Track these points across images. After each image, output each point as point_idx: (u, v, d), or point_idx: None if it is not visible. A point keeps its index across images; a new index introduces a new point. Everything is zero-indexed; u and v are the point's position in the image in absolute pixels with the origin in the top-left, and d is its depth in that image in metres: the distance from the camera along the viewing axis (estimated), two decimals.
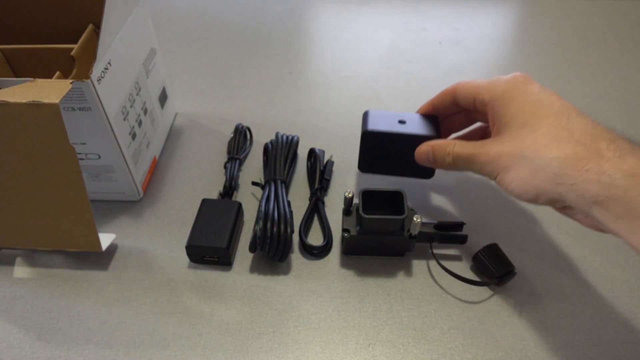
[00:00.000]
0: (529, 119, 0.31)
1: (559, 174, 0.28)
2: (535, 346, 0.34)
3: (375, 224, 0.36)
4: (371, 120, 0.40)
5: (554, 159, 0.28)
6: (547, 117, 0.30)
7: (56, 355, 0.33)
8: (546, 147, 0.29)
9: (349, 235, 0.37)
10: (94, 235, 0.36)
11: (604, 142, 0.28)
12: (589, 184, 0.27)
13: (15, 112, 0.30)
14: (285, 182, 0.42)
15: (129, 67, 0.40)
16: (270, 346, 0.34)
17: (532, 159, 0.30)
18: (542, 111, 0.31)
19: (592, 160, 0.27)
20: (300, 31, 0.68)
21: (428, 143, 0.37)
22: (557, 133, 0.29)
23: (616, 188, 0.26)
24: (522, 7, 0.73)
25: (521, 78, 0.34)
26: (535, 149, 0.29)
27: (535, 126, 0.30)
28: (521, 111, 0.31)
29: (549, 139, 0.29)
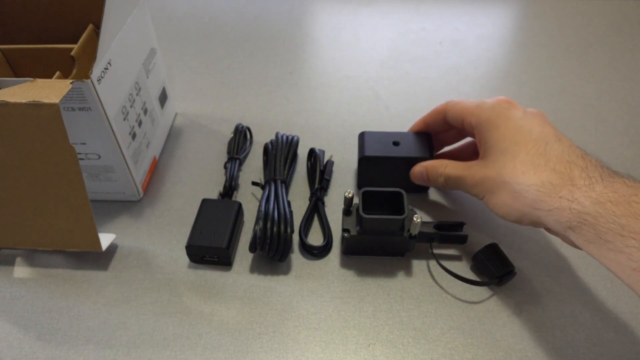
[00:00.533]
0: (510, 145, 0.33)
1: (536, 199, 0.30)
2: (535, 346, 0.34)
3: (375, 224, 0.36)
4: (367, 144, 0.42)
5: (531, 185, 0.31)
6: (526, 144, 0.32)
7: (56, 355, 0.33)
8: (524, 174, 0.31)
9: (349, 235, 0.37)
10: (94, 235, 0.36)
11: (577, 169, 0.30)
12: (562, 210, 0.29)
13: (15, 112, 0.30)
14: (285, 182, 0.42)
15: (129, 67, 0.40)
16: (270, 346, 0.34)
17: (512, 185, 0.32)
18: (522, 138, 0.33)
19: (566, 187, 0.29)
20: (300, 31, 0.68)
21: (422, 164, 0.40)
22: (535, 160, 0.31)
23: (586, 215, 0.28)
24: (522, 7, 0.73)
25: (504, 104, 0.35)
26: (515, 175, 0.32)
27: (515, 153, 0.32)
28: (503, 138, 0.33)
29: (527, 166, 0.31)
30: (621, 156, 0.48)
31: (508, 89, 0.57)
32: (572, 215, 0.28)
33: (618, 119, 0.52)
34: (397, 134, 0.43)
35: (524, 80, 0.58)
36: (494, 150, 0.34)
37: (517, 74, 0.59)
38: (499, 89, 0.57)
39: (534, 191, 0.30)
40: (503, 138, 0.33)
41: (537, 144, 0.32)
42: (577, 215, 0.28)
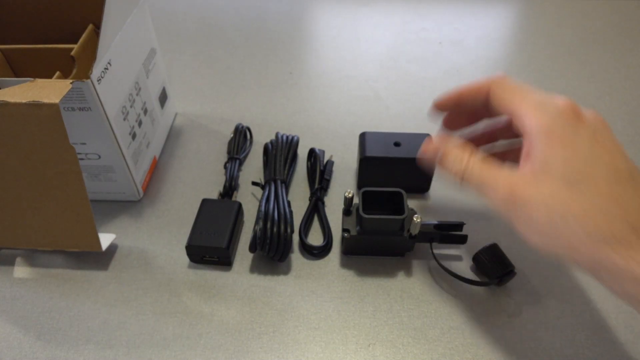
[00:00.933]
0: (578, 178, 0.27)
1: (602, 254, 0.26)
2: (535, 346, 0.34)
3: (375, 224, 0.36)
4: (368, 145, 0.42)
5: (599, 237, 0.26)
6: (597, 182, 0.27)
7: (56, 355, 0.33)
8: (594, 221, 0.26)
9: (348, 235, 0.37)
10: (94, 235, 0.36)
11: None
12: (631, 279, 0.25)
13: (15, 112, 0.30)
14: (285, 182, 0.42)
15: (129, 67, 0.40)
16: (270, 346, 0.34)
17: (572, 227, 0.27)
18: (593, 172, 0.27)
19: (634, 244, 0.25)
20: (300, 31, 0.68)
21: (440, 140, 0.32)
22: (608, 206, 0.26)
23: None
24: (522, 7, 0.73)
25: (572, 115, 0.28)
26: (582, 219, 0.26)
27: (584, 190, 0.27)
28: (569, 163, 0.27)
29: (598, 211, 0.26)
30: None
31: None
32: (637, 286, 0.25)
33: (618, 119, 0.52)
34: (397, 134, 0.43)
35: (523, 80, 0.58)
36: (555, 175, 0.27)
37: (517, 74, 0.59)
38: None
39: (603, 246, 0.26)
40: (570, 163, 0.27)
41: (609, 184, 0.27)
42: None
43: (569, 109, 0.29)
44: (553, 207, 0.27)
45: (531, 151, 0.29)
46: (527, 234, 0.28)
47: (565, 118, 0.28)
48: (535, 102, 0.29)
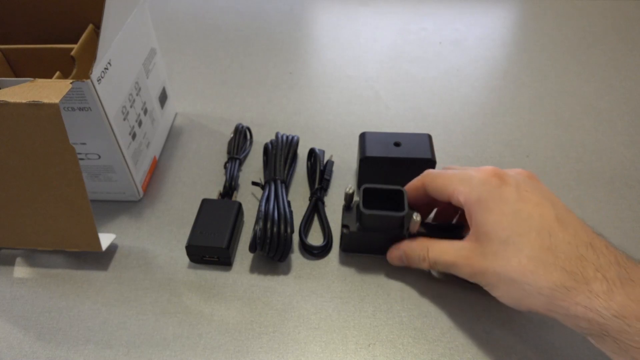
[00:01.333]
0: (510, 235, 0.29)
1: (550, 302, 0.28)
2: (535, 346, 0.34)
3: (375, 220, 0.36)
4: (368, 145, 0.42)
5: (543, 288, 0.28)
6: (529, 235, 0.29)
7: (56, 355, 0.33)
8: (533, 274, 0.28)
9: (348, 231, 0.37)
10: (94, 235, 0.36)
11: (590, 268, 0.27)
12: (580, 319, 0.27)
13: (15, 112, 0.30)
14: (285, 182, 0.42)
15: (129, 67, 0.40)
16: (270, 346, 0.34)
17: (520, 284, 0.29)
18: (523, 227, 0.29)
19: (581, 293, 0.27)
20: (300, 31, 0.68)
21: (399, 246, 0.36)
22: (542, 256, 0.28)
23: (608, 328, 0.26)
24: (522, 7, 0.73)
25: (494, 180, 0.31)
26: (523, 274, 0.29)
27: (519, 245, 0.29)
28: (500, 225, 0.30)
29: (534, 263, 0.28)
30: (621, 156, 0.48)
31: (508, 89, 0.57)
32: (592, 326, 0.26)
33: (618, 119, 0.52)
34: (398, 134, 0.43)
35: (524, 80, 0.58)
36: (491, 237, 0.30)
37: (517, 74, 0.59)
38: (499, 89, 0.57)
39: (547, 294, 0.28)
40: (500, 225, 0.30)
41: (540, 235, 0.29)
42: (597, 327, 0.26)
43: (491, 176, 0.32)
44: (499, 269, 0.30)
45: (472, 221, 0.32)
46: (502, 300, 0.31)
47: (488, 185, 0.31)
48: (461, 180, 0.33)
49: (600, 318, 0.26)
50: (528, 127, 0.51)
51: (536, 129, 0.51)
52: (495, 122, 0.52)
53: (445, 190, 0.34)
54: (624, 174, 0.46)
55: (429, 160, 0.40)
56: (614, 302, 0.26)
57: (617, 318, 0.26)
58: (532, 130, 0.51)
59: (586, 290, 0.27)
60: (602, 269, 0.27)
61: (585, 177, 0.46)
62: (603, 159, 0.48)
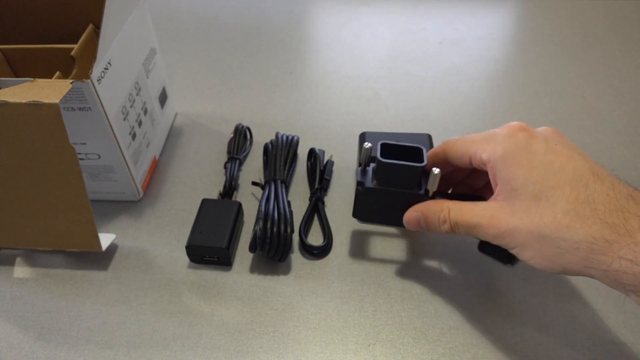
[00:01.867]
0: (542, 189, 0.27)
1: (587, 258, 0.26)
2: (535, 346, 0.34)
3: (393, 172, 0.34)
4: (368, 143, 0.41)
5: (581, 242, 0.26)
6: (563, 188, 0.27)
7: (56, 355, 0.33)
8: (569, 228, 0.26)
9: (362, 188, 0.35)
10: (94, 235, 0.36)
11: (634, 220, 0.25)
12: (623, 274, 0.25)
13: (15, 112, 0.30)
14: (285, 182, 0.42)
15: (129, 67, 0.40)
16: (270, 346, 0.34)
17: (554, 240, 0.27)
18: (556, 179, 0.27)
19: (625, 245, 0.25)
20: (300, 31, 0.68)
21: (417, 208, 0.34)
22: (578, 209, 0.26)
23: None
24: (522, 7, 0.73)
25: (520, 135, 0.30)
26: (557, 229, 0.26)
27: (552, 199, 0.27)
28: (531, 179, 0.28)
29: (570, 217, 0.26)
30: (621, 156, 0.48)
31: (508, 89, 0.57)
32: (637, 280, 0.24)
33: (618, 119, 0.52)
34: (397, 134, 0.43)
35: (524, 80, 0.58)
36: (521, 192, 0.28)
37: (517, 74, 0.59)
38: (499, 89, 0.57)
39: (585, 248, 0.26)
40: (531, 178, 0.28)
41: (575, 187, 0.27)
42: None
43: (516, 130, 0.30)
44: (531, 226, 0.27)
45: (496, 179, 0.30)
46: (532, 262, 0.28)
47: (515, 139, 0.29)
48: (484, 138, 0.31)
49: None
50: None
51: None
52: (495, 122, 0.52)
53: (467, 151, 0.32)
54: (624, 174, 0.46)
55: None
56: None
57: None
58: None
59: (631, 242, 0.25)
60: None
61: None
62: (603, 159, 0.48)
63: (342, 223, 0.42)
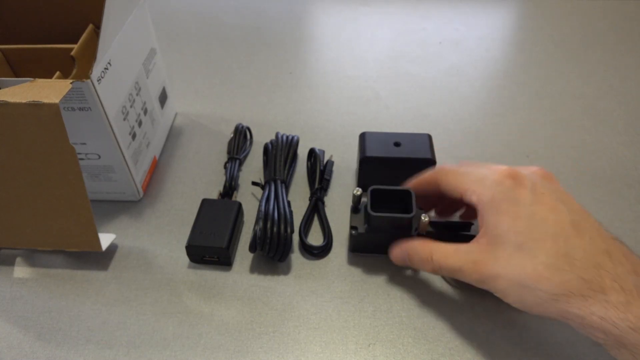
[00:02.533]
0: (525, 240, 0.29)
1: (564, 309, 0.27)
2: (535, 346, 0.34)
3: (384, 222, 0.36)
4: (368, 145, 0.42)
5: (558, 295, 0.27)
6: (544, 241, 0.28)
7: (56, 355, 0.33)
8: (549, 281, 0.28)
9: (356, 232, 0.37)
10: (94, 235, 0.36)
11: (607, 277, 0.27)
12: (596, 329, 0.26)
13: (15, 112, 0.30)
14: (285, 182, 0.42)
15: (129, 67, 0.40)
16: (270, 346, 0.34)
17: (534, 290, 0.28)
18: (538, 232, 0.29)
19: (598, 302, 0.26)
20: (300, 31, 0.68)
21: (403, 246, 0.35)
22: (558, 263, 0.28)
23: (624, 340, 0.25)
24: (522, 7, 0.73)
25: (509, 182, 0.30)
26: (537, 281, 0.28)
27: (534, 251, 0.28)
28: (515, 229, 0.29)
29: (550, 270, 0.28)
30: (621, 156, 0.48)
31: (508, 89, 0.57)
32: (608, 337, 0.26)
33: (618, 119, 0.52)
34: (397, 134, 0.43)
35: (523, 80, 0.58)
36: (504, 241, 0.29)
37: (517, 74, 0.59)
38: (498, 89, 0.57)
39: (563, 301, 0.27)
40: (514, 229, 0.29)
41: (556, 241, 0.28)
42: (613, 338, 0.26)
43: (506, 177, 0.31)
44: (512, 275, 0.29)
45: (483, 224, 0.31)
46: (515, 305, 0.30)
47: (502, 186, 0.30)
48: (476, 179, 0.32)
49: (616, 330, 0.26)
50: (528, 127, 0.51)
51: (536, 129, 0.51)
52: (495, 122, 0.52)
53: (458, 188, 0.33)
54: (624, 174, 0.46)
55: (429, 160, 0.40)
56: (630, 314, 0.25)
57: (633, 331, 0.25)
58: (532, 130, 0.51)
59: (603, 300, 0.26)
60: (620, 278, 0.26)
61: (585, 177, 0.46)
62: (603, 159, 0.48)
63: (342, 223, 0.42)
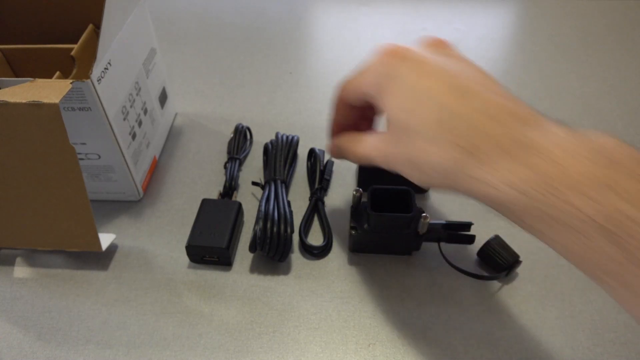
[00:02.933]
0: (408, 117, 0.28)
1: (446, 179, 0.26)
2: (535, 346, 0.34)
3: (384, 221, 0.36)
4: None
5: (436, 165, 0.26)
6: (422, 112, 0.27)
7: (56, 355, 0.33)
8: (427, 153, 0.27)
9: (356, 232, 0.37)
10: (94, 235, 0.36)
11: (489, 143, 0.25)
12: (481, 196, 0.25)
13: (15, 112, 0.30)
14: (285, 182, 0.42)
15: (129, 67, 0.40)
16: (270, 346, 0.34)
17: (418, 165, 0.28)
18: (418, 105, 0.27)
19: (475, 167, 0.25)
20: (300, 31, 0.68)
21: (335, 141, 0.36)
22: (435, 134, 0.26)
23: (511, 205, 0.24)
24: (522, 7, 0.73)
25: (390, 60, 0.29)
26: (418, 156, 0.27)
27: (415, 127, 0.27)
28: (400, 107, 0.28)
29: (429, 143, 0.26)
30: None
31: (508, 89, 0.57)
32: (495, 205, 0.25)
33: (618, 119, 0.52)
34: None
35: (524, 80, 0.58)
36: (394, 123, 0.29)
37: (517, 74, 0.59)
38: None
39: (441, 172, 0.26)
40: (400, 107, 0.28)
41: (431, 110, 0.27)
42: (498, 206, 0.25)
43: (387, 56, 0.29)
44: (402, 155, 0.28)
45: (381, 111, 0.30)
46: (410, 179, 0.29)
47: (385, 67, 0.29)
48: (361, 72, 0.31)
49: (502, 195, 0.24)
50: None
51: None
52: None
53: (357, 93, 0.32)
54: None
55: None
56: (514, 176, 0.23)
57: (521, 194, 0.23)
58: None
59: (483, 164, 0.25)
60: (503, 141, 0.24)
61: None
62: None
63: (342, 223, 0.42)
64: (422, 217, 0.35)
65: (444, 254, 0.37)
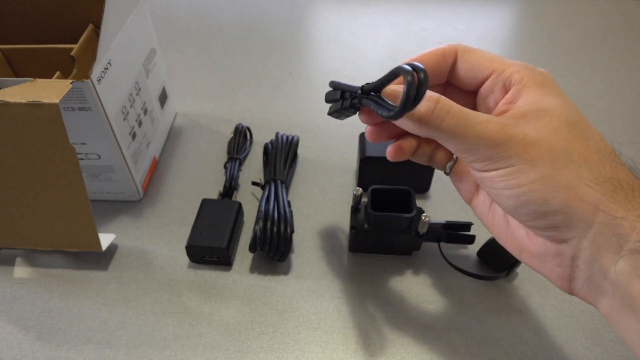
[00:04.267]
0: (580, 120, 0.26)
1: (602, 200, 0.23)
2: (535, 346, 0.34)
3: (384, 221, 0.36)
4: (368, 145, 0.42)
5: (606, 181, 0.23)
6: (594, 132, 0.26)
7: (56, 355, 0.33)
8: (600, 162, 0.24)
9: (356, 232, 0.37)
10: (94, 235, 0.36)
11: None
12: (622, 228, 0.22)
13: (15, 112, 0.30)
14: (285, 182, 0.42)
15: (129, 67, 0.40)
16: (270, 346, 0.34)
17: (579, 167, 0.24)
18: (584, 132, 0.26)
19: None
20: (300, 31, 0.68)
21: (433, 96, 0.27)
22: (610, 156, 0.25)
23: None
24: (522, 7, 0.73)
25: (552, 81, 0.27)
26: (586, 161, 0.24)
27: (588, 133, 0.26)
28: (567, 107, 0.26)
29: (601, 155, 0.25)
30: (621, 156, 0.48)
31: None
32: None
33: (618, 119, 0.52)
34: None
35: None
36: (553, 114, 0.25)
37: None
38: None
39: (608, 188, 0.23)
40: (567, 107, 0.26)
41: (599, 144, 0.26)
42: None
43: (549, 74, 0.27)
44: (555, 145, 0.24)
45: (520, 99, 0.26)
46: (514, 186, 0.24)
47: (551, 80, 0.27)
48: (521, 64, 0.28)
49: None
50: None
51: None
52: None
53: (490, 64, 0.29)
54: None
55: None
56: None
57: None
58: None
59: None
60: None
61: None
62: None
63: (342, 223, 0.42)
64: (422, 217, 0.35)
65: (444, 254, 0.37)
